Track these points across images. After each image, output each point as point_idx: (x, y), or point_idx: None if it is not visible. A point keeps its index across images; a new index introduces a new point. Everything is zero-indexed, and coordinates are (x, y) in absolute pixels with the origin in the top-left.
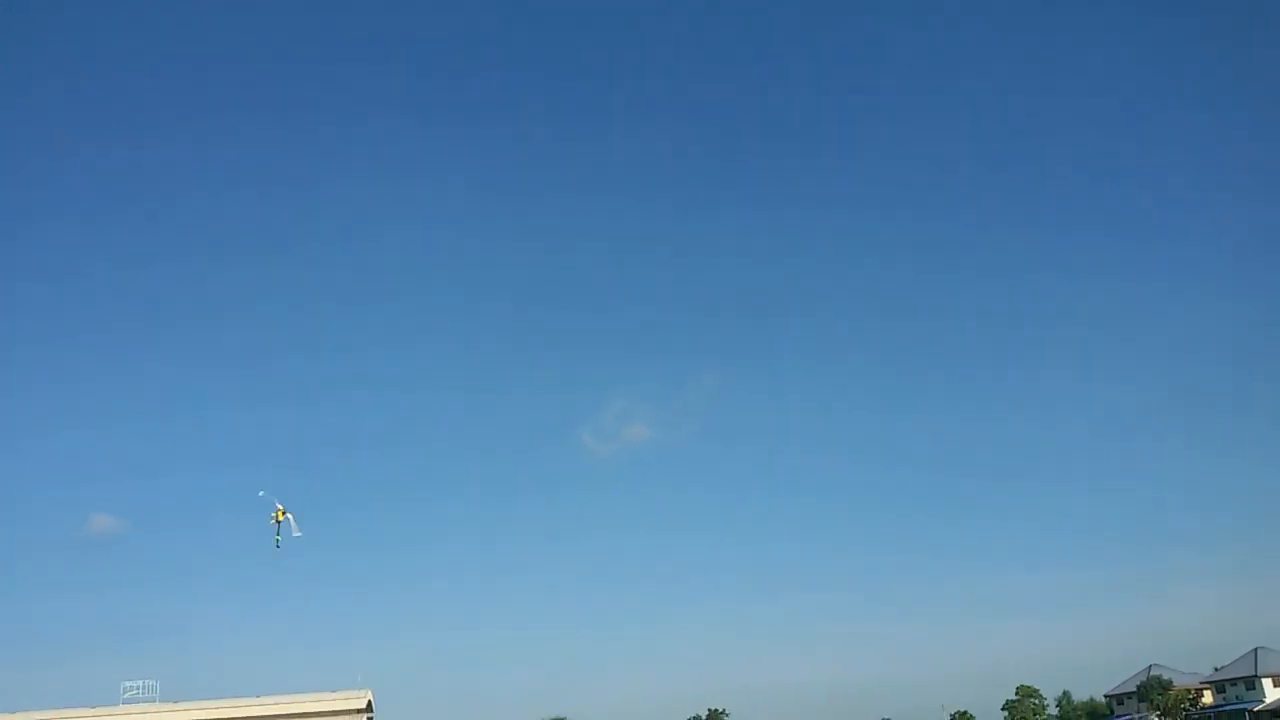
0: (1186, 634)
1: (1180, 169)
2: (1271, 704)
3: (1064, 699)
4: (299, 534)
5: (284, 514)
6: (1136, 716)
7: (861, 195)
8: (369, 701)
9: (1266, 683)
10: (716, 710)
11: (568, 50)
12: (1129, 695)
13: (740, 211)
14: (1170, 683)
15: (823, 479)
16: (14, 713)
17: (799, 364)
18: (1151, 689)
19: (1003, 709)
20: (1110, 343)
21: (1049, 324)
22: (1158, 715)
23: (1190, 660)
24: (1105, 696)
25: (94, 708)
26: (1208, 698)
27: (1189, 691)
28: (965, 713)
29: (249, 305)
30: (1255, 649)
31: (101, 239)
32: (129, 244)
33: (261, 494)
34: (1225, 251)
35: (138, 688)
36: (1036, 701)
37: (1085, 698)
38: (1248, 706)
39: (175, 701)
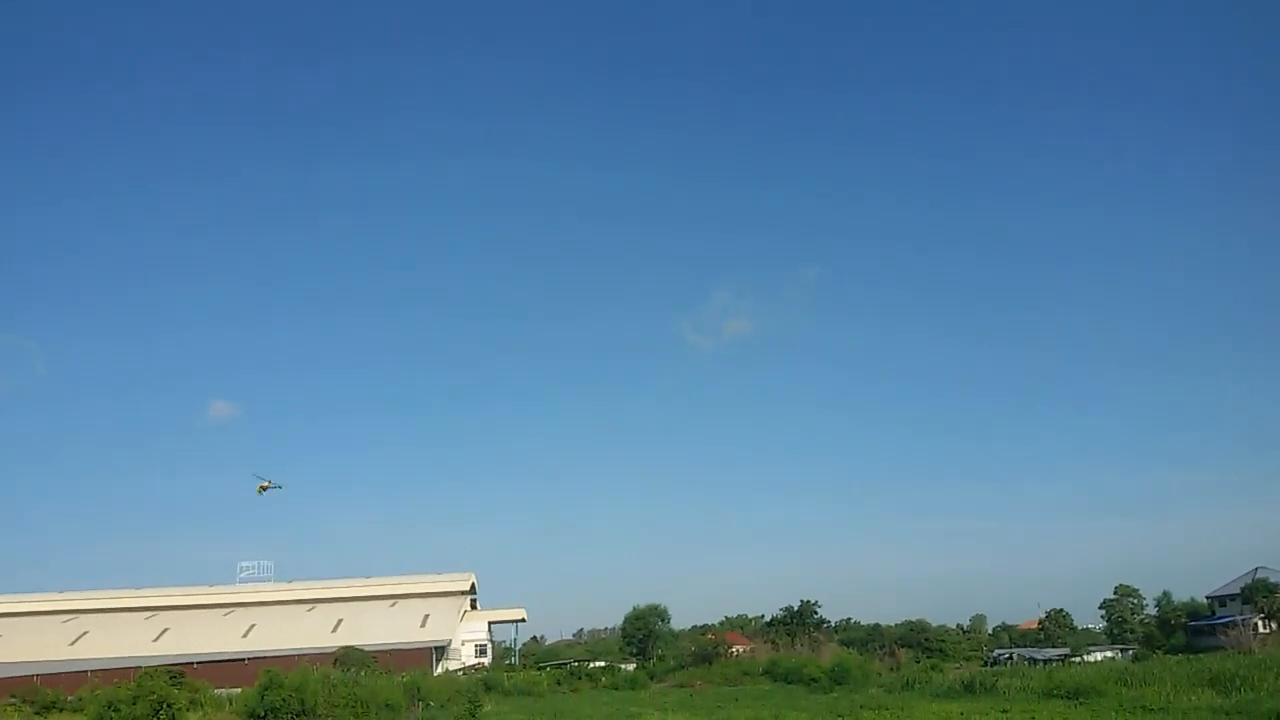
0: None
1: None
2: None
3: (1164, 599)
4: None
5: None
6: (1239, 618)
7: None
8: (473, 584)
9: None
10: (809, 601)
11: None
12: (1232, 597)
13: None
14: (1277, 585)
15: (931, 373)
16: (140, 589)
17: (901, 258)
18: (1256, 591)
19: (1100, 607)
20: (1203, 271)
21: (1156, 255)
22: (1262, 617)
23: None
24: (1207, 598)
25: (212, 585)
26: None
27: None
28: (1062, 610)
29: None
30: None
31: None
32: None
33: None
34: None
35: (253, 567)
36: (1135, 601)
37: (1186, 598)
38: None
39: (289, 581)
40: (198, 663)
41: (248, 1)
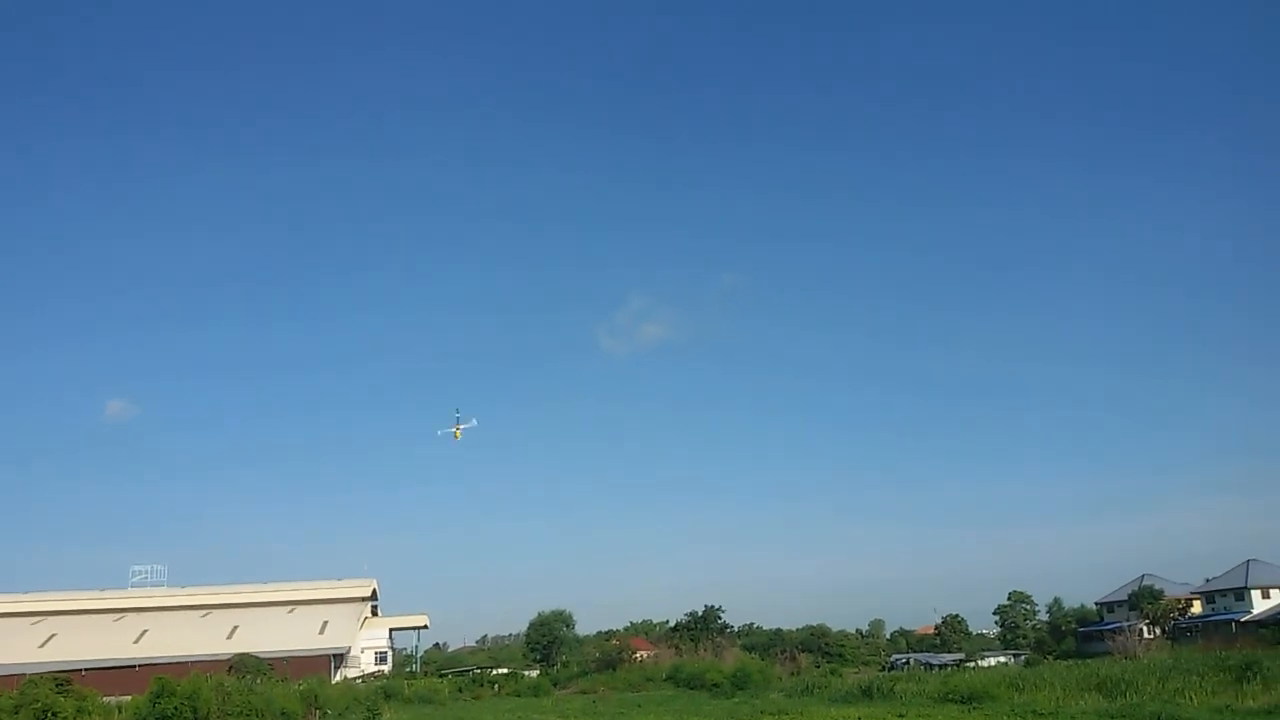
0: (1180, 547)
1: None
2: (1258, 614)
3: (1055, 605)
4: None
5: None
6: (1126, 624)
7: (885, 135)
8: (374, 590)
9: (1255, 594)
10: (713, 607)
11: None
12: (1120, 603)
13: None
14: (1161, 592)
15: (831, 387)
16: (26, 593)
17: (814, 275)
18: (1142, 597)
19: (994, 613)
20: (1118, 278)
21: (1060, 261)
22: (1147, 623)
23: (1183, 571)
24: (1096, 604)
25: (103, 590)
26: (1197, 607)
27: (1179, 601)
28: (957, 615)
29: (270, 219)
30: (1247, 561)
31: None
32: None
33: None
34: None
35: (146, 572)
36: (1028, 607)
37: (1076, 605)
38: (1235, 617)
39: (183, 586)
40: (86, 670)
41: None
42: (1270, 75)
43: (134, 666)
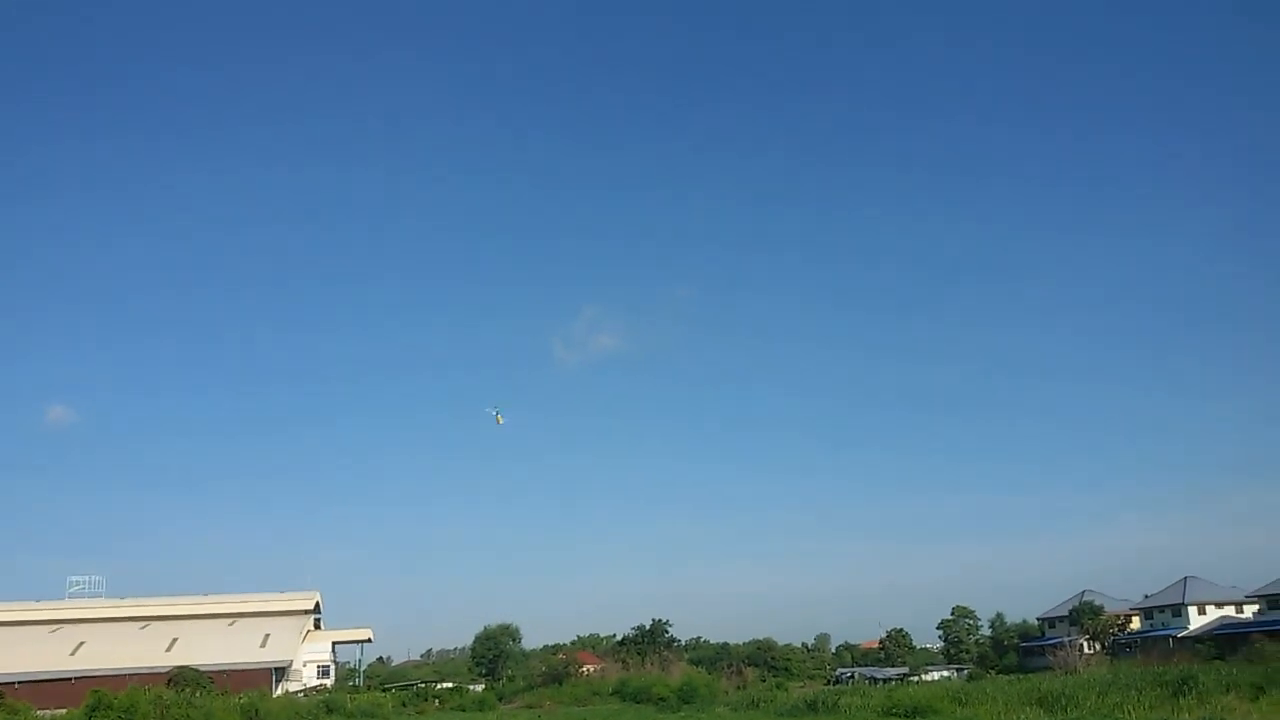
0: (1120, 563)
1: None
2: (1195, 630)
3: (998, 620)
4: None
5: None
6: (1066, 639)
7: (839, 145)
8: (317, 603)
9: (1192, 610)
10: (660, 620)
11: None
12: (1061, 619)
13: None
14: (1101, 608)
15: (774, 403)
16: None
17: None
18: (1083, 613)
19: (938, 628)
20: (1056, 290)
21: (1002, 271)
22: (1087, 638)
23: (1123, 588)
24: (1038, 619)
25: (39, 601)
26: (1136, 623)
27: (1119, 617)
28: (901, 630)
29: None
30: (1184, 578)
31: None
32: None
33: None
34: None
35: (84, 582)
36: (971, 622)
37: (1019, 620)
38: (1173, 633)
39: (122, 597)
40: (20, 682)
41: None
42: (1262, 86)
43: (70, 679)
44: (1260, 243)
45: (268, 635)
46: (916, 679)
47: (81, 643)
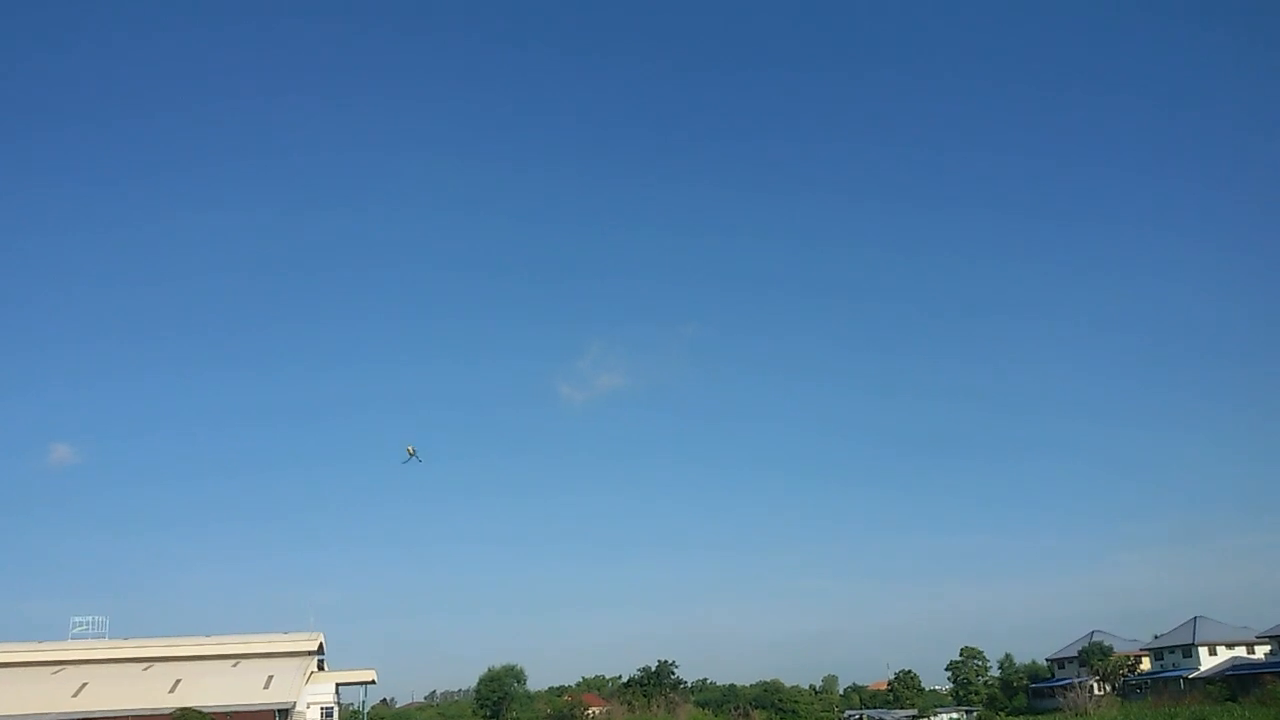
0: (1129, 602)
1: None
2: (1205, 671)
3: (1006, 661)
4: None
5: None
6: (1076, 680)
7: (837, 181)
8: (320, 644)
9: (1203, 651)
10: (666, 662)
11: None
12: (1070, 659)
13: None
14: (1111, 649)
15: (785, 441)
16: None
17: (771, 330)
18: (1092, 654)
19: (946, 669)
20: (1058, 327)
21: (1007, 309)
22: (1097, 679)
23: (1131, 628)
24: (1047, 660)
25: (41, 642)
26: (1146, 664)
27: (1128, 658)
28: (910, 671)
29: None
30: (1194, 618)
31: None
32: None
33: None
34: (1172, 238)
35: (87, 624)
36: (980, 663)
37: (1028, 660)
38: (1183, 674)
39: (125, 638)
40: None
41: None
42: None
43: None
44: (1263, 281)
45: (271, 676)
46: None
47: (84, 684)
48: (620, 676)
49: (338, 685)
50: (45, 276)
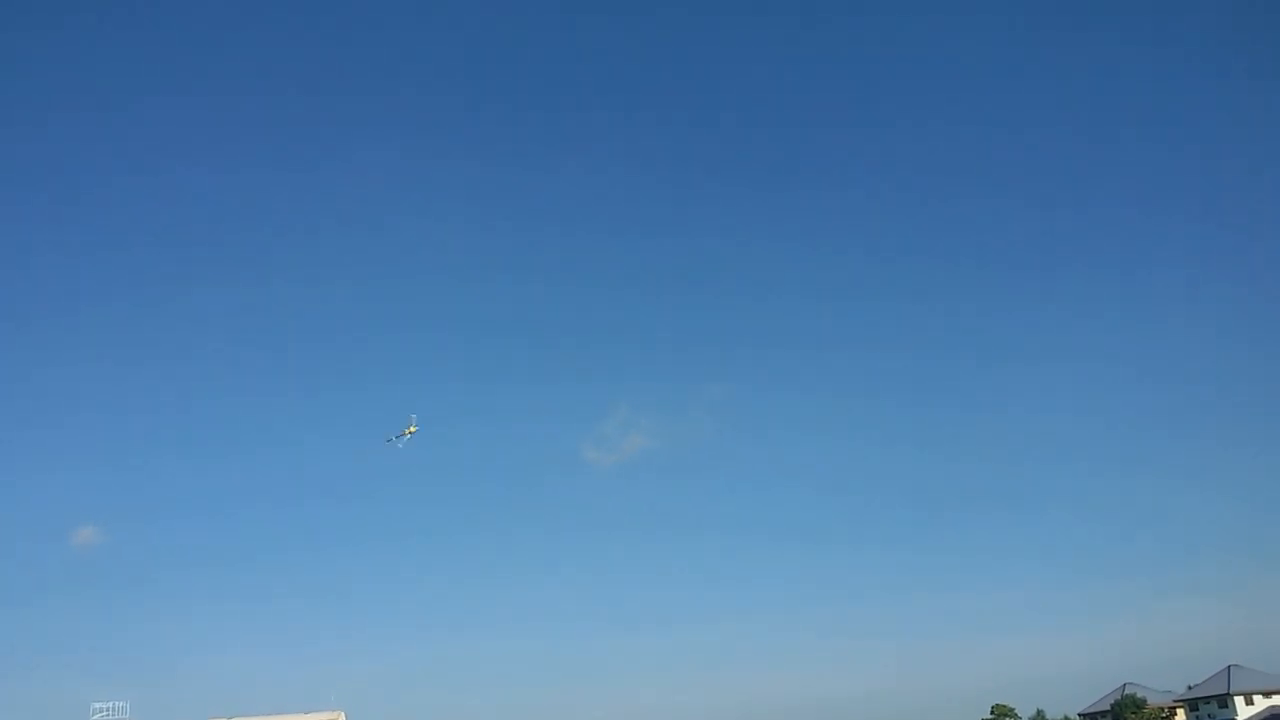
0: (1162, 653)
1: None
2: None
3: (1038, 717)
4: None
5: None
6: None
7: (852, 230)
8: None
9: (1239, 700)
10: None
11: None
12: (1103, 713)
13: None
14: (1144, 701)
15: (810, 499)
16: None
17: (798, 386)
18: (1125, 707)
19: None
20: (1086, 373)
21: (1027, 357)
22: None
23: (1165, 678)
24: (1080, 715)
25: None
26: (1180, 716)
27: (1162, 710)
28: None
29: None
30: (1228, 667)
31: None
32: None
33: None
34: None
35: (108, 709)
36: (1012, 719)
37: (1060, 715)
38: None
39: None
40: None
41: None
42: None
43: None
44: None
45: None
46: None
47: None
48: None
49: None
50: (69, 357)
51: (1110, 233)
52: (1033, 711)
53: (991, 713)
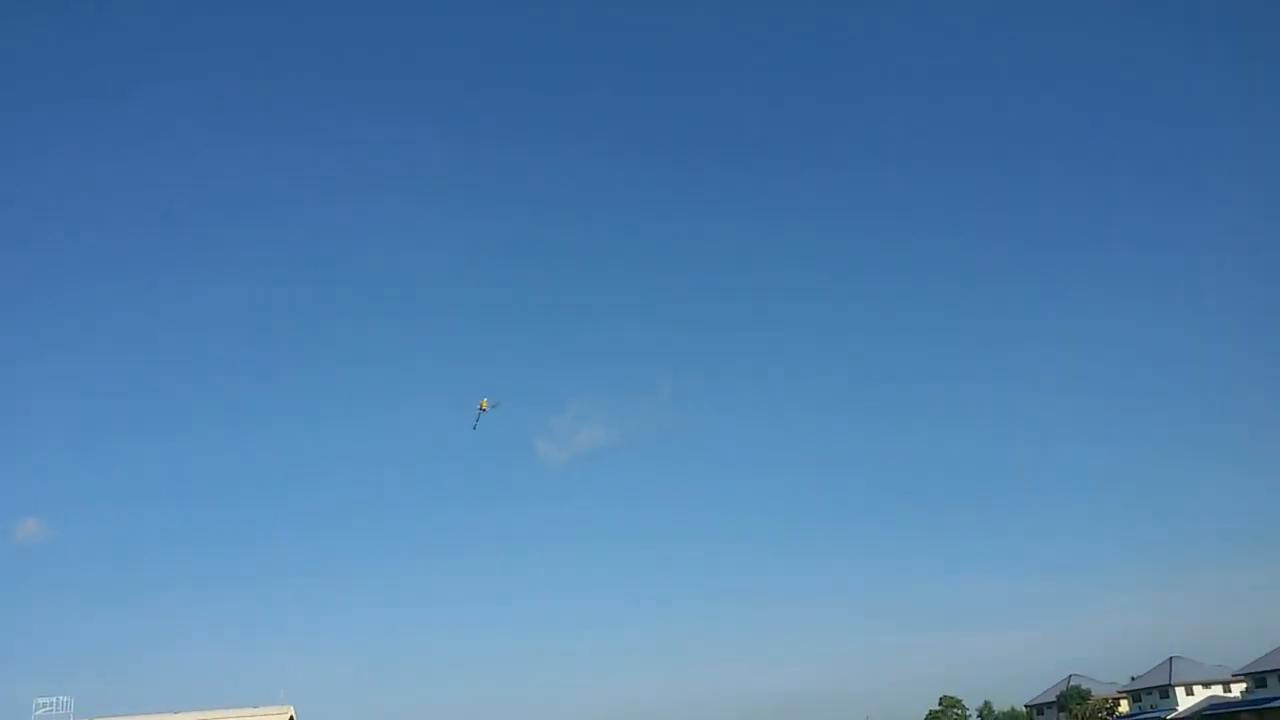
0: (1106, 646)
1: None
2: (1183, 712)
3: (986, 709)
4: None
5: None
6: None
7: (815, 209)
8: (291, 717)
9: (1180, 691)
10: None
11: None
12: (1049, 705)
13: (697, 224)
14: (1089, 692)
15: (759, 490)
16: None
17: (754, 373)
18: (1070, 698)
19: (926, 719)
20: (1032, 357)
21: (987, 337)
22: None
23: (1109, 670)
24: (1026, 706)
25: None
26: (1124, 706)
27: (1106, 701)
28: None
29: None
30: (1170, 658)
31: None
32: None
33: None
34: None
35: (51, 704)
36: (959, 712)
37: (1007, 707)
38: (1161, 715)
39: (91, 718)
40: None
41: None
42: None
43: None
44: (1247, 318)
45: None
46: None
47: None
48: None
49: None
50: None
51: (1109, 213)
52: (980, 703)
53: (940, 704)
